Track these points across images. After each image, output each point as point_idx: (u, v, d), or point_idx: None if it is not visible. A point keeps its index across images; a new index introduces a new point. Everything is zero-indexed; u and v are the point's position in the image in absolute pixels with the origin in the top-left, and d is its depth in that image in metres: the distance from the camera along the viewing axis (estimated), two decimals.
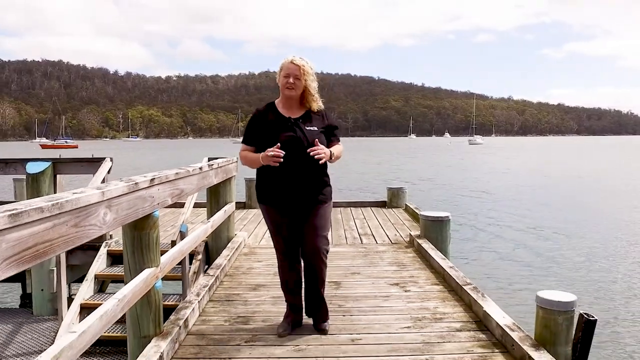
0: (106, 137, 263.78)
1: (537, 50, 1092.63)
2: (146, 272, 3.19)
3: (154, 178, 3.24)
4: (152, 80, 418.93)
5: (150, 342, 3.28)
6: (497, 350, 3.39)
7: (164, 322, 3.53)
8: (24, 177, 10.00)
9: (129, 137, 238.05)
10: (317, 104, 3.57)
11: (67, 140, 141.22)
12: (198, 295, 4.25)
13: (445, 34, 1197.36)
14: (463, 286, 4.47)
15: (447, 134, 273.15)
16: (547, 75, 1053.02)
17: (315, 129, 3.50)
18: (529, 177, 33.39)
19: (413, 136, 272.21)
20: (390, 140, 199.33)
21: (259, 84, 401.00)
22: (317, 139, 3.40)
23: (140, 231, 3.21)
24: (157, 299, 3.38)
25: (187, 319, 3.74)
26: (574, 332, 3.32)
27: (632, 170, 39.50)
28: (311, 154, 3.30)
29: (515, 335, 3.35)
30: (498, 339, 3.55)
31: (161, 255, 3.46)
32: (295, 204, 3.51)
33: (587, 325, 3.27)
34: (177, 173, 3.75)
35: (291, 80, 3.44)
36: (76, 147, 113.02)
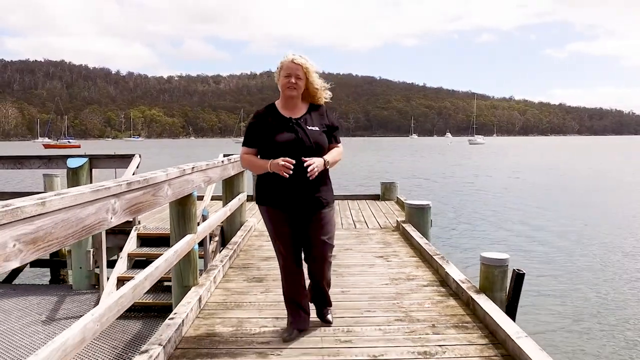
0: (108, 137, 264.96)
1: (539, 50, 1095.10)
2: (188, 237, 4.29)
3: (194, 167, 4.35)
4: (154, 80, 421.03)
5: (190, 290, 4.37)
6: (451, 298, 4.49)
7: (198, 277, 4.63)
8: (52, 172, 11.16)
9: (131, 137, 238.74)
10: (324, 97, 3.57)
11: (70, 140, 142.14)
12: (222, 261, 5.36)
13: (448, 34, 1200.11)
14: (433, 256, 5.57)
15: (448, 134, 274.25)
16: (549, 75, 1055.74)
17: (317, 129, 3.45)
18: (522, 174, 34.49)
19: (415, 136, 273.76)
20: (391, 140, 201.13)
21: (260, 83, 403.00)
22: (317, 141, 3.41)
23: (184, 206, 4.31)
24: (194, 258, 4.48)
25: (215, 276, 4.85)
26: (508, 282, 4.43)
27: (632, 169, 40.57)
28: (308, 169, 3.26)
29: (464, 286, 4.44)
30: (454, 291, 4.65)
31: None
32: (297, 206, 3.45)
33: (518, 277, 4.38)
34: (207, 164, 4.86)
35: (293, 80, 3.38)
36: (78, 147, 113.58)
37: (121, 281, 6.92)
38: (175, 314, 3.77)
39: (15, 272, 9.40)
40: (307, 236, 3.55)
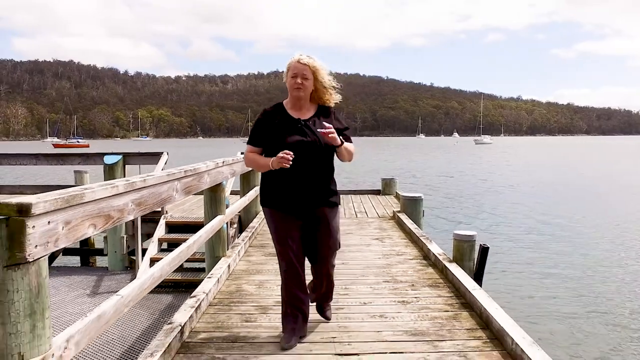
0: (117, 137, 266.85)
1: (547, 50, 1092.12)
2: (219, 217, 5.38)
3: (223, 161, 5.44)
4: (162, 80, 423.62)
5: (220, 260, 5.46)
6: (430, 267, 5.56)
7: (227, 250, 5.72)
8: (81, 168, 12.28)
9: (139, 137, 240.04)
10: (333, 97, 3.53)
11: (79, 140, 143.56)
12: (243, 240, 6.46)
13: (456, 34, 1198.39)
14: (420, 237, 6.64)
15: (455, 134, 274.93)
16: (557, 75, 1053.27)
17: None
18: (513, 171, 35.54)
19: (422, 136, 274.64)
20: (398, 140, 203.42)
21: (267, 83, 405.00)
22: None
23: (215, 192, 5.40)
24: (223, 235, 5.57)
25: (239, 251, 5.94)
26: (475, 254, 5.50)
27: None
28: (324, 131, 3.25)
29: (440, 258, 5.51)
30: (432, 262, 5.72)
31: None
32: (303, 207, 3.44)
33: (483, 250, 5.45)
34: (232, 159, 5.95)
35: (299, 80, 3.35)
36: (87, 146, 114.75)
37: (153, 261, 8.03)
38: (211, 274, 4.86)
39: (51, 258, 10.56)
40: (311, 238, 3.54)
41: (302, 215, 3.46)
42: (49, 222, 2.01)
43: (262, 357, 3.33)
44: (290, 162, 3.19)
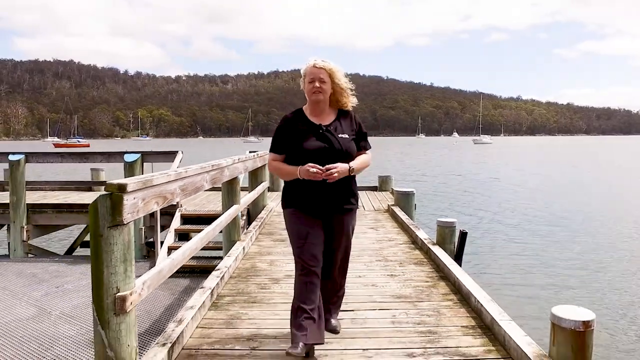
0: (117, 137, 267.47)
1: (549, 49, 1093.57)
2: (235, 207, 6.25)
3: (238, 159, 6.31)
4: (162, 80, 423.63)
5: (235, 243, 6.33)
6: (417, 250, 6.44)
7: (241, 235, 6.59)
8: (98, 166, 13.14)
9: (139, 137, 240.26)
10: (350, 100, 3.57)
11: (79, 140, 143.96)
12: (254, 228, 7.33)
13: (457, 34, 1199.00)
14: (410, 225, 7.52)
15: (455, 134, 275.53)
16: (559, 76, 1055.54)
17: (347, 136, 3.45)
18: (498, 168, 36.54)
19: (422, 136, 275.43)
20: (397, 140, 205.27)
21: (267, 83, 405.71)
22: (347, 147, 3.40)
23: (232, 185, 6.27)
24: (238, 222, 6.45)
25: (251, 236, 6.82)
26: (456, 238, 6.38)
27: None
28: (323, 176, 3.24)
29: (426, 241, 6.39)
30: (419, 246, 6.60)
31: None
32: (326, 210, 3.41)
33: (462, 235, 6.34)
34: (246, 157, 6.83)
35: (317, 84, 3.38)
36: (88, 146, 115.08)
37: (171, 250, 8.88)
38: (230, 254, 5.73)
39: (71, 249, 11.46)
40: (328, 240, 3.49)
41: (324, 216, 3.43)
42: (134, 198, 2.87)
43: (276, 312, 4.20)
44: (321, 177, 3.23)
